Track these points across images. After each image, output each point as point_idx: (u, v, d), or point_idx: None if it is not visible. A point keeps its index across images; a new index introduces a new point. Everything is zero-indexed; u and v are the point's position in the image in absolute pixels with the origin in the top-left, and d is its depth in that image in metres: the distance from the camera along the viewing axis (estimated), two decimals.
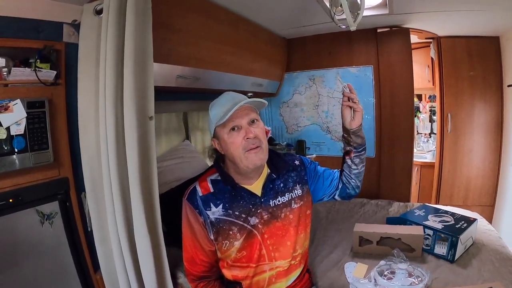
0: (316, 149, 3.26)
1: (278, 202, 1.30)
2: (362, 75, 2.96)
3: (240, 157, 1.19)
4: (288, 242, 1.32)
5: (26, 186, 1.48)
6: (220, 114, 1.20)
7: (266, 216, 1.28)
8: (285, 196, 1.32)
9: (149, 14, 1.32)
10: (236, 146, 1.19)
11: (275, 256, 1.30)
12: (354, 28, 1.58)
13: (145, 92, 1.35)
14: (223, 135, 1.21)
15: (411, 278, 1.43)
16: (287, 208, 1.32)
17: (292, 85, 3.29)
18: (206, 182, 1.30)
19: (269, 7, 2.19)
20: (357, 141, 1.33)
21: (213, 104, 1.29)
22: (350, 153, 1.36)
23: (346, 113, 1.33)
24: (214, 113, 1.25)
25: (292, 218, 1.32)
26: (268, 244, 1.29)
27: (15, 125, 1.40)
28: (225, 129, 1.20)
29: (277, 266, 1.31)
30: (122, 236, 1.42)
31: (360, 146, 1.34)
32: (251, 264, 1.29)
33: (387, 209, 2.50)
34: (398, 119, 2.87)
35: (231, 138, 1.20)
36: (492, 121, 3.02)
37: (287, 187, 1.34)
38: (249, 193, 1.28)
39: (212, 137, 1.29)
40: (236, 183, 1.27)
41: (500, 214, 2.96)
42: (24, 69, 1.43)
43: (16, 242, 1.49)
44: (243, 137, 1.18)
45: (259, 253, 1.29)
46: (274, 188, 1.32)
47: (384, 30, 2.82)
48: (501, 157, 3.01)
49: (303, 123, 3.31)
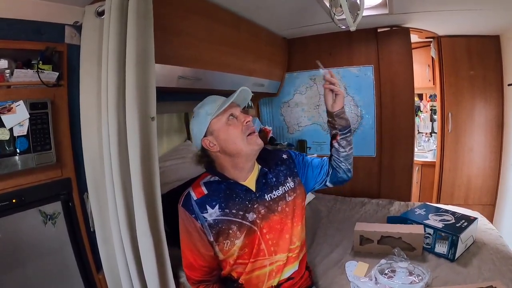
0: (317, 148, 3.26)
1: (273, 196, 1.32)
2: (363, 75, 2.96)
3: (243, 142, 1.24)
4: (286, 235, 1.33)
5: (29, 186, 1.49)
6: (214, 108, 1.24)
7: (263, 211, 1.29)
8: (279, 189, 1.34)
9: (151, 15, 1.32)
10: (238, 130, 1.24)
11: (274, 250, 1.31)
12: (354, 29, 1.58)
13: (147, 92, 1.36)
14: (221, 125, 1.24)
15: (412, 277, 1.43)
16: (282, 201, 1.33)
17: (293, 85, 3.30)
18: (199, 186, 1.31)
19: (269, 8, 2.20)
20: (342, 123, 1.35)
21: (202, 105, 1.30)
22: (337, 136, 1.39)
23: (329, 97, 1.34)
24: (207, 109, 1.26)
25: (288, 210, 1.34)
26: (267, 239, 1.30)
27: (18, 126, 1.41)
28: (223, 117, 1.24)
29: (276, 260, 1.32)
30: (125, 236, 1.42)
31: (345, 128, 1.37)
32: (251, 260, 1.30)
33: (388, 208, 2.50)
34: (399, 119, 2.87)
35: (232, 124, 1.24)
36: (492, 120, 3.03)
37: (279, 181, 1.36)
38: (244, 189, 1.29)
39: (203, 136, 1.27)
40: (230, 178, 1.29)
41: (501, 213, 2.96)
42: (26, 71, 1.44)
43: (19, 243, 1.50)
44: (242, 121, 1.25)
45: (258, 248, 1.29)
46: (267, 182, 1.34)
47: (384, 29, 2.82)
48: (502, 156, 3.01)
49: (304, 123, 3.31)
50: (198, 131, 1.28)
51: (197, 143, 1.30)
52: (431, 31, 2.97)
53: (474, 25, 2.71)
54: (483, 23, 2.64)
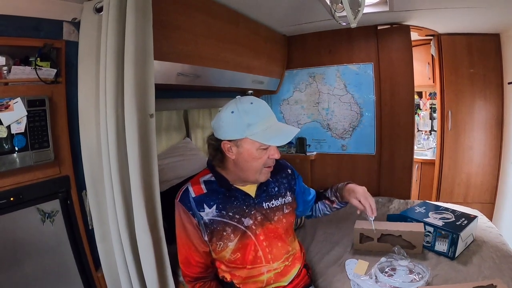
0: (317, 146, 3.26)
1: (271, 205, 1.33)
2: (362, 72, 2.95)
3: (257, 171, 1.21)
4: (279, 243, 1.33)
5: (27, 184, 1.49)
6: (259, 128, 1.16)
7: (260, 218, 1.29)
8: (278, 200, 1.35)
9: (149, 11, 1.32)
10: (260, 162, 1.20)
11: (271, 258, 1.31)
12: (354, 25, 1.58)
13: (146, 89, 1.35)
14: (251, 148, 1.17)
15: (412, 275, 1.43)
16: (279, 212, 1.34)
17: (292, 82, 3.29)
18: (198, 183, 1.29)
19: (269, 4, 2.19)
20: (345, 200, 1.42)
21: (250, 110, 1.16)
22: (333, 203, 1.48)
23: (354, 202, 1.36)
24: (251, 121, 1.15)
25: (285, 222, 1.35)
26: (264, 246, 1.30)
27: (16, 123, 1.40)
28: (257, 144, 1.17)
29: (275, 268, 1.33)
30: (123, 233, 1.42)
31: (346, 203, 1.45)
32: (247, 266, 1.30)
33: (388, 206, 2.50)
34: (399, 117, 2.87)
35: (260, 154, 1.18)
36: (492, 118, 3.02)
37: (280, 192, 1.37)
38: (243, 194, 1.29)
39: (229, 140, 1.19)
40: (231, 185, 1.28)
41: (500, 211, 2.97)
42: (24, 68, 1.43)
43: (17, 241, 1.49)
44: (269, 156, 1.20)
45: (255, 255, 1.29)
46: (268, 191, 1.34)
47: (385, 27, 2.81)
48: (502, 154, 3.01)
49: (303, 120, 3.30)
50: (228, 130, 1.18)
51: (219, 135, 1.21)
52: (431, 29, 2.96)
53: (474, 23, 2.71)
54: (483, 21, 2.63)
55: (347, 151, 3.11)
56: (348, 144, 3.10)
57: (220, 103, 2.81)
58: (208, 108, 2.91)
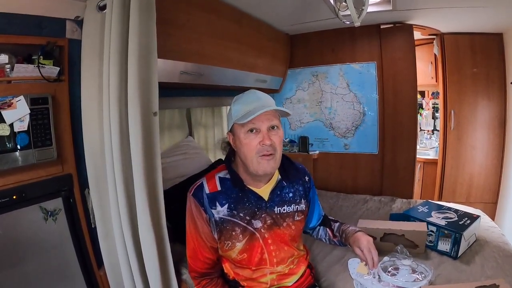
0: (319, 145, 3.26)
1: (283, 211, 1.30)
2: (365, 72, 2.96)
3: (252, 160, 1.18)
4: (285, 247, 1.33)
5: (29, 182, 1.49)
6: (241, 112, 1.18)
7: (269, 222, 1.28)
8: (291, 206, 1.32)
9: (153, 9, 1.31)
10: (251, 148, 1.17)
11: (277, 261, 1.31)
12: (358, 24, 1.58)
13: (149, 87, 1.35)
14: (239, 133, 1.19)
15: (415, 274, 1.42)
16: (290, 219, 1.32)
17: (295, 81, 3.29)
18: (214, 180, 1.28)
19: (272, 3, 2.18)
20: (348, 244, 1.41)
21: (237, 99, 1.25)
22: (335, 237, 1.47)
23: (358, 252, 1.34)
24: (236, 109, 1.22)
25: (294, 228, 1.33)
26: (271, 250, 1.29)
27: (19, 121, 1.40)
28: (244, 128, 1.17)
29: (278, 271, 1.32)
30: (126, 231, 1.42)
31: (346, 245, 1.44)
32: (252, 267, 1.30)
33: (390, 205, 2.50)
34: (401, 116, 2.87)
35: (247, 139, 1.17)
36: (495, 118, 3.02)
37: (294, 199, 1.34)
38: (256, 196, 1.27)
39: (228, 131, 1.27)
40: (245, 185, 1.27)
41: (503, 211, 2.96)
42: (27, 66, 1.43)
43: (19, 239, 1.49)
44: (259, 141, 1.17)
45: (261, 257, 1.29)
46: (281, 195, 1.31)
47: (388, 26, 2.81)
48: (504, 154, 3.01)
49: (306, 119, 3.30)
50: (228, 123, 1.29)
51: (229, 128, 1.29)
52: (434, 28, 2.96)
53: (477, 23, 2.70)
54: (486, 21, 2.63)
55: (349, 150, 3.11)
56: (351, 143, 3.10)
57: (223, 102, 2.82)
58: (211, 107, 2.91)
